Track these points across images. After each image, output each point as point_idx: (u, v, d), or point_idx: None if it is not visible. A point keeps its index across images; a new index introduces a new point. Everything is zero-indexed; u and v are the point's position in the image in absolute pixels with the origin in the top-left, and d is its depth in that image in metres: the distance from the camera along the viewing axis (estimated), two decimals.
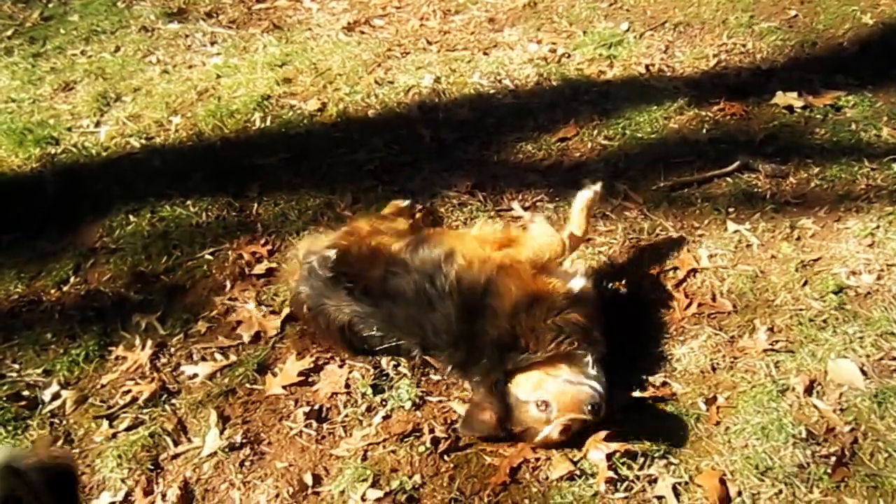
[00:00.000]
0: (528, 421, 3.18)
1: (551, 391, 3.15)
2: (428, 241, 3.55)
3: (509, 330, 3.25)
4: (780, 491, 3.01)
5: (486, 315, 3.31)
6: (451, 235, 3.76)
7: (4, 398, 3.61)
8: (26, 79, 5.93)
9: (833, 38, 5.34)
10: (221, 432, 3.40)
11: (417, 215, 4.20)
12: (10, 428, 3.48)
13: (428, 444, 3.29)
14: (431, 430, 3.34)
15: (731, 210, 4.18)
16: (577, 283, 3.45)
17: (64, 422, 3.54)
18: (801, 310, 3.65)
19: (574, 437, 3.19)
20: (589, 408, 3.07)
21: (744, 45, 5.36)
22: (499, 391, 3.21)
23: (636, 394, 3.40)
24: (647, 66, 5.25)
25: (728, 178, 4.35)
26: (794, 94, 4.79)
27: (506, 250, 3.50)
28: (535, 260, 3.45)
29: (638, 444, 3.18)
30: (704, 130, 4.69)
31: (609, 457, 3.11)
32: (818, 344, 3.49)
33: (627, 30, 5.62)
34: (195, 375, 3.65)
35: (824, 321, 3.58)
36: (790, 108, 4.72)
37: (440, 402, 3.48)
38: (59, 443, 3.43)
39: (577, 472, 3.12)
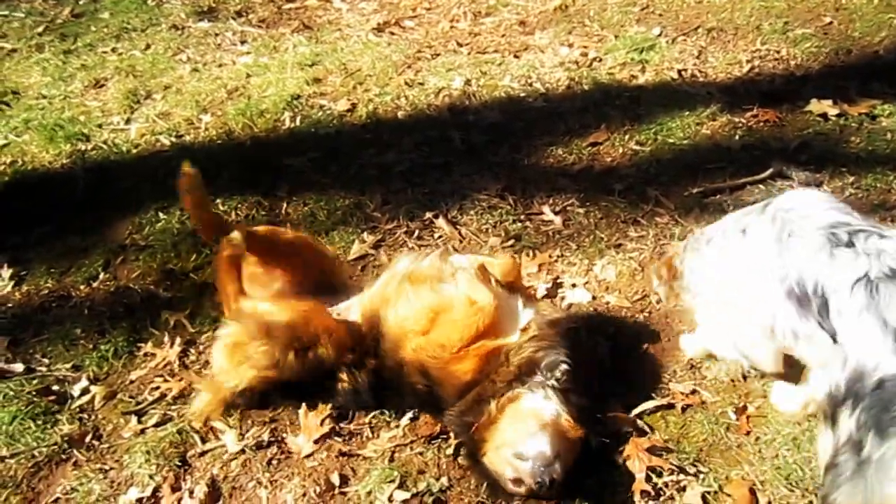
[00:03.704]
0: (516, 491, 3.03)
1: (514, 465, 2.98)
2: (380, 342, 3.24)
3: (462, 411, 3.14)
4: (811, 502, 2.97)
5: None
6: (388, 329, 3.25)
7: (34, 392, 3.62)
8: (57, 75, 5.97)
9: (869, 46, 5.30)
10: (246, 432, 3.40)
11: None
12: (39, 422, 3.49)
13: (455, 447, 3.27)
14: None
15: None
16: (514, 334, 3.16)
17: (93, 417, 3.54)
18: None
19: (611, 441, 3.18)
20: (536, 485, 2.91)
21: (778, 52, 5.32)
22: (478, 470, 3.11)
23: (665, 401, 3.37)
24: (679, 72, 5.23)
25: (761, 186, 4.32)
26: (829, 102, 4.75)
27: (431, 337, 3.12)
28: (464, 339, 3.09)
29: (670, 455, 3.15)
30: (737, 137, 4.66)
31: (649, 470, 3.08)
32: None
33: (660, 34, 5.60)
34: None
35: None
36: (825, 116, 4.68)
37: None
38: (88, 438, 3.45)
39: (607, 478, 3.09)
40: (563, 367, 3.12)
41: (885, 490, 2.14)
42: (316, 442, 3.31)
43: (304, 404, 3.40)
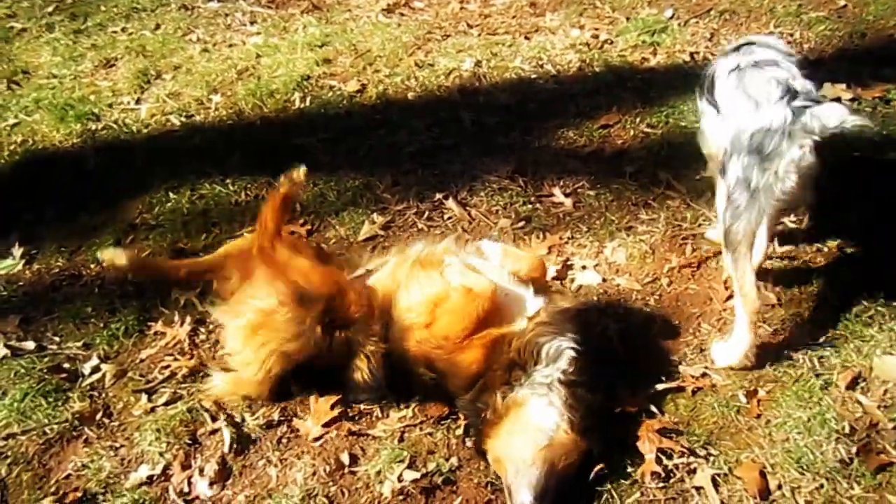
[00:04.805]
0: None
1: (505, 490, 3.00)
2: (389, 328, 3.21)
3: (470, 400, 3.14)
4: (822, 486, 2.97)
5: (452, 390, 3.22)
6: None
7: (45, 370, 3.63)
8: (67, 55, 5.96)
9: (883, 30, 5.25)
10: (256, 411, 3.40)
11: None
12: (50, 400, 3.51)
13: (465, 428, 3.27)
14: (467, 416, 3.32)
15: None
16: (521, 322, 3.14)
17: (103, 395, 3.55)
18: (846, 305, 3.59)
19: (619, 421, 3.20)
20: None
21: (791, 35, 5.29)
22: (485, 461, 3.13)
23: (675, 384, 3.36)
24: (691, 54, 5.20)
25: None
26: (843, 86, 4.72)
27: (433, 329, 3.10)
28: (466, 327, 3.07)
29: (680, 437, 3.15)
30: None
31: (659, 451, 3.08)
32: (863, 340, 3.43)
33: (672, 17, 5.56)
34: None
35: (870, 317, 3.53)
36: (838, 100, 4.62)
37: None
38: (99, 415, 3.47)
39: (617, 459, 3.09)
40: (569, 354, 3.08)
41: (772, 205, 3.17)
42: (325, 426, 3.31)
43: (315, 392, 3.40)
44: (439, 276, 3.18)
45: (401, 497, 3.06)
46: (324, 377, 3.33)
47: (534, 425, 2.98)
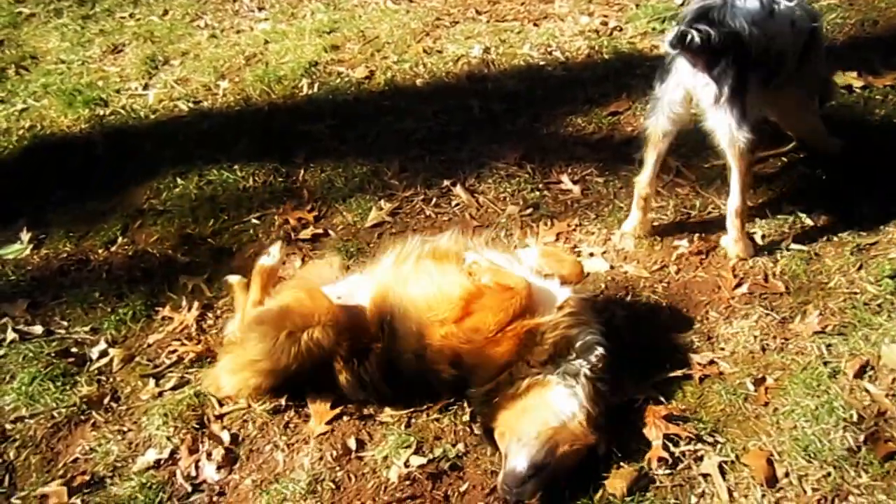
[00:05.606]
0: None
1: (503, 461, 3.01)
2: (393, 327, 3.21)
3: (490, 390, 3.11)
4: (829, 473, 2.96)
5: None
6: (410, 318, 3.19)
7: (53, 354, 3.66)
8: (76, 40, 5.98)
9: (895, 18, 5.20)
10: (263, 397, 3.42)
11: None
12: (58, 384, 3.53)
13: (471, 414, 3.27)
14: None
15: (785, 190, 4.10)
16: (550, 313, 3.12)
17: (111, 379, 3.58)
18: (855, 293, 3.57)
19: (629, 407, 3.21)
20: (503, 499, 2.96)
21: None
22: (491, 443, 3.12)
23: (682, 371, 3.35)
24: None
25: (784, 158, 4.26)
26: (854, 74, 4.67)
27: (464, 323, 3.08)
28: (500, 322, 3.05)
29: (687, 424, 3.15)
30: None
31: (666, 438, 3.08)
32: (872, 328, 3.41)
33: (682, 4, 5.51)
34: None
35: (879, 305, 3.51)
36: (849, 88, 4.61)
37: None
38: (107, 399, 3.48)
39: (624, 444, 3.08)
40: (600, 351, 3.11)
41: (669, 117, 3.57)
42: (328, 423, 3.29)
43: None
44: (466, 274, 3.18)
45: (407, 482, 3.07)
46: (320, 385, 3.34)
47: (551, 408, 2.99)
